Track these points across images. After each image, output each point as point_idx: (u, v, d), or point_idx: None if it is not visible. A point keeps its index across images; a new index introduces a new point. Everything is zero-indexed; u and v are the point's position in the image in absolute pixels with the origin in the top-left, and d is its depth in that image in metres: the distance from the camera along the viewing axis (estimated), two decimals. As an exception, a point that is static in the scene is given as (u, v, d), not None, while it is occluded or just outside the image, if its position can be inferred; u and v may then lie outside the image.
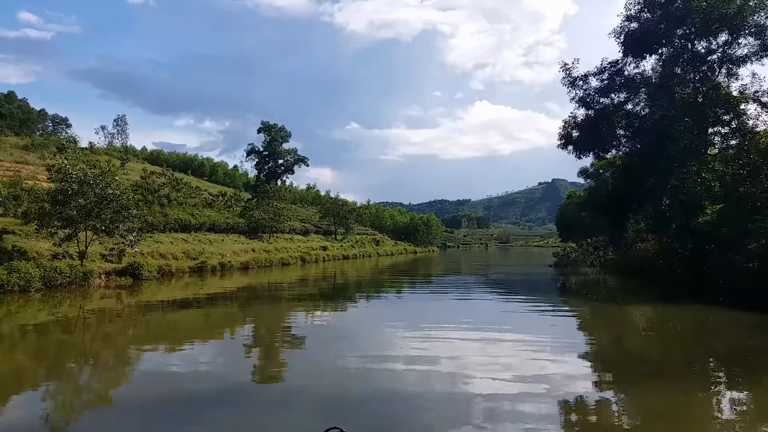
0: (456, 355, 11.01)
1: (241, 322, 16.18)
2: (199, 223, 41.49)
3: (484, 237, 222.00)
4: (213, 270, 32.08)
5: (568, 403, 7.91)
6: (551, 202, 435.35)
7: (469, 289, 27.10)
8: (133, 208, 24.93)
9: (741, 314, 16.49)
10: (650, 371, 10.09)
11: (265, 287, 26.34)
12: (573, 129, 29.04)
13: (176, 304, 19.27)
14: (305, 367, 10.13)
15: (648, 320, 16.92)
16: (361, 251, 63.13)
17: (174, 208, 43.32)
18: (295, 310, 18.66)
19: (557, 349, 11.79)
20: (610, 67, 27.58)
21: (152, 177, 55.05)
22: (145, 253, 30.37)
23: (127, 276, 25.13)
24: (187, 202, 49.29)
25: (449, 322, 15.44)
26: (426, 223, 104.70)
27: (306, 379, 9.10)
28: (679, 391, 8.62)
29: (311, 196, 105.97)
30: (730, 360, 11.16)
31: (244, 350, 12.10)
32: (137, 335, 13.61)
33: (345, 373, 9.52)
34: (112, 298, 20.10)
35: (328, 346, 12.14)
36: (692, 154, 23.55)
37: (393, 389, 8.53)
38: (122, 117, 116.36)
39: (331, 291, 25.65)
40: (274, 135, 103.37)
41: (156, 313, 17.20)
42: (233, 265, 33.95)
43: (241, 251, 38.91)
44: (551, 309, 19.59)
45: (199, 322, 15.83)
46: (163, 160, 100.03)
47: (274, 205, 53.69)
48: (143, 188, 44.19)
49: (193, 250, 34.35)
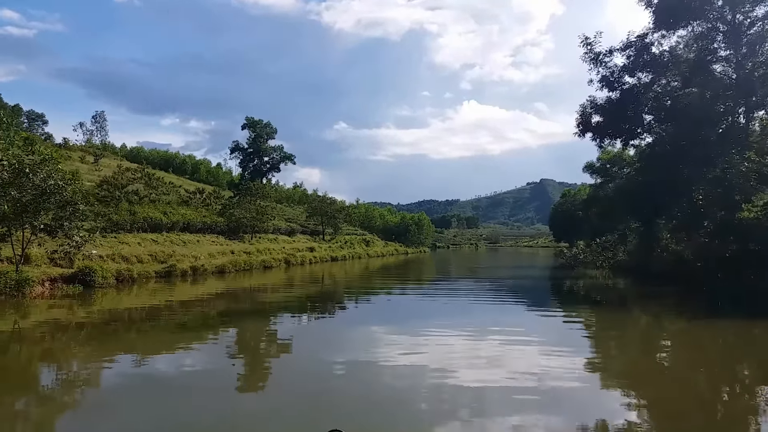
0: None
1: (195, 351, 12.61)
2: (171, 222, 37.66)
3: (473, 237, 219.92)
4: (183, 274, 28.32)
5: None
6: (539, 202, 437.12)
7: (491, 299, 23.70)
8: (80, 203, 21.03)
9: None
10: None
11: (238, 295, 22.71)
12: (593, 114, 25.70)
13: (120, 319, 15.56)
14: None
15: (691, 345, 13.36)
16: (351, 252, 59.52)
17: (145, 205, 39.48)
18: (271, 327, 15.15)
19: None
20: (637, 41, 24.11)
21: (127, 174, 51.07)
22: (104, 256, 26.61)
23: (76, 283, 21.24)
24: (161, 199, 45.39)
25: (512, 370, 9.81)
26: (417, 223, 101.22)
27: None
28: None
29: (298, 195, 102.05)
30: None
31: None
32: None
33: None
34: (35, 314, 16.31)
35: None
36: (734, 139, 20.24)
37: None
38: (101, 113, 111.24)
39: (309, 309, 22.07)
40: (259, 131, 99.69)
41: (66, 335, 13.46)
42: (207, 268, 30.17)
43: (217, 253, 35.14)
44: (575, 320, 16.23)
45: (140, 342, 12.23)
46: (143, 157, 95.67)
47: (257, 204, 49.94)
48: (110, 184, 40.21)
49: (162, 252, 30.56)
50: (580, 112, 26.47)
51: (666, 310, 17.91)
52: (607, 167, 42.12)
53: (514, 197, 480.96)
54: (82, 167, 53.83)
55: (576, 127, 26.63)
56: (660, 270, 26.69)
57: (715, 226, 20.09)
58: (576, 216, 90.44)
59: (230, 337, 13.72)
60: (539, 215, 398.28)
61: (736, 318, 15.86)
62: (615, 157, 41.55)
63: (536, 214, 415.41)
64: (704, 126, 20.25)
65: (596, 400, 8.22)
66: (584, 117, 26.12)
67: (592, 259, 38.02)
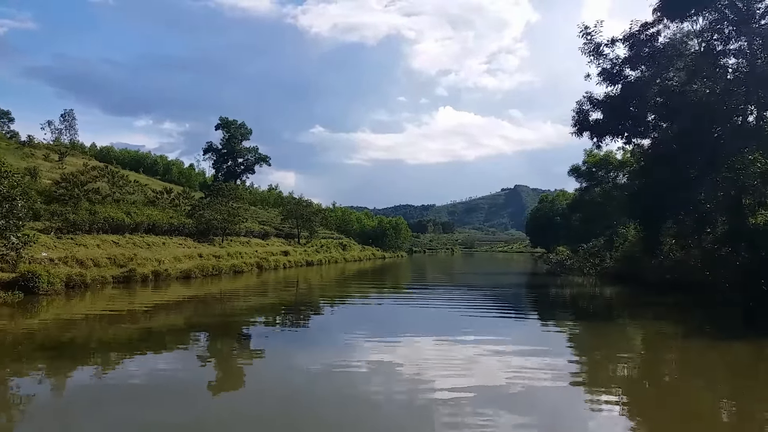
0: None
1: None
2: (135, 222, 35.02)
3: (449, 242, 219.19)
4: (144, 280, 25.85)
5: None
6: (513, 208, 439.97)
7: (479, 308, 21.87)
8: (19, 199, 18.48)
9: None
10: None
11: (203, 303, 20.46)
12: (590, 111, 24.15)
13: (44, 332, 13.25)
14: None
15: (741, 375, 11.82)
16: (327, 256, 57.29)
17: (107, 205, 36.73)
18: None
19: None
20: (641, 31, 22.59)
21: (92, 172, 47.92)
22: (56, 259, 24.05)
23: (16, 290, 18.61)
24: (125, 199, 42.59)
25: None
26: (395, 227, 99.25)
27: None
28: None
29: (273, 197, 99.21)
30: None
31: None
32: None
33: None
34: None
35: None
36: (746, 137, 18.81)
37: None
38: (70, 112, 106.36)
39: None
40: (233, 132, 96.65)
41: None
42: (171, 273, 27.68)
43: (184, 256, 32.66)
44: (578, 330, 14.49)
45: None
46: (113, 157, 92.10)
47: (228, 205, 47.40)
48: (69, 181, 37.31)
49: (122, 255, 28.02)
50: (576, 110, 24.87)
51: (694, 330, 15.99)
52: (593, 171, 40.92)
53: (488, 203, 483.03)
54: (45, 165, 50.74)
55: (572, 126, 25.08)
56: (657, 278, 25.29)
57: (725, 232, 18.65)
58: (554, 221, 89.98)
59: (190, 353, 11.59)
60: (513, 221, 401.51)
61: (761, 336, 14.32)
62: (602, 160, 40.40)
63: (510, 220, 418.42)
64: (713, 123, 18.81)
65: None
66: (581, 115, 24.51)
67: (579, 265, 36.64)
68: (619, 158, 39.86)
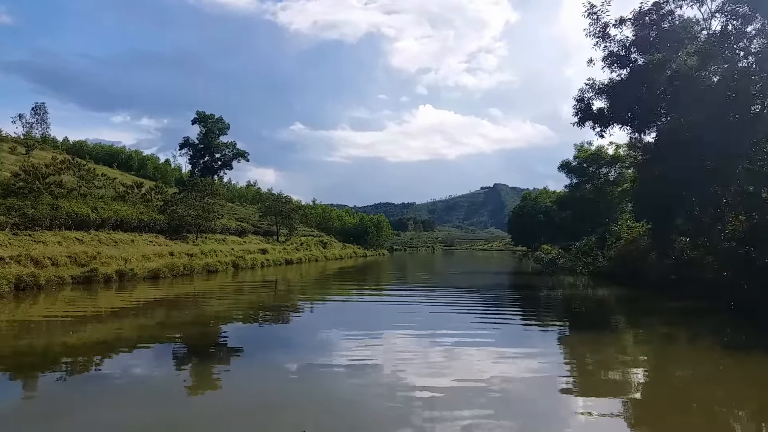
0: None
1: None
2: (101, 218, 32.62)
3: (429, 240, 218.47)
4: (107, 280, 23.60)
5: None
6: (493, 206, 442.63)
7: (479, 310, 20.18)
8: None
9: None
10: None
11: (169, 306, 18.41)
12: (593, 99, 22.59)
13: None
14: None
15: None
16: (307, 254, 55.22)
17: (72, 200, 34.24)
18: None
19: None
20: (653, 10, 21.03)
21: (61, 166, 45.04)
22: (7, 258, 21.75)
23: (-46, 293, 16.41)
24: (93, 193, 40.01)
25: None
26: (376, 225, 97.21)
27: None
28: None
29: (251, 194, 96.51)
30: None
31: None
32: None
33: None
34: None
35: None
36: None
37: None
38: (41, 105, 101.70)
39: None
40: (210, 126, 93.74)
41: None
42: (137, 273, 25.43)
43: (154, 255, 30.38)
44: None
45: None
46: (86, 152, 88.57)
47: (203, 200, 45.06)
48: (29, 173, 34.71)
49: (84, 254, 25.70)
50: (577, 98, 23.22)
51: (713, 336, 14.65)
52: (584, 166, 39.61)
53: (468, 201, 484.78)
54: (9, 158, 47.89)
55: (574, 115, 23.42)
56: (658, 278, 23.95)
57: (745, 229, 17.22)
58: (537, 219, 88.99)
59: (160, 356, 9.66)
60: (493, 219, 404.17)
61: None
62: (593, 155, 39.13)
63: (490, 218, 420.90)
64: (730, 110, 17.33)
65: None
66: (583, 103, 22.95)
67: (571, 264, 35.25)
68: (611, 153, 38.66)
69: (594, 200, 37.95)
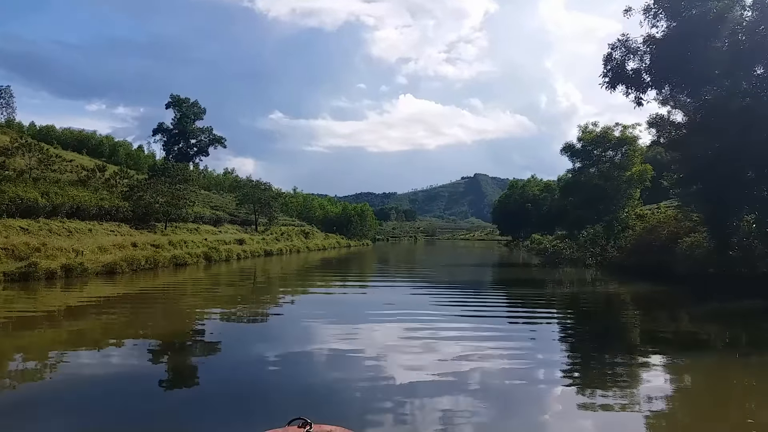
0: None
1: None
2: (52, 204, 28.66)
3: (411, 230, 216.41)
4: (51, 276, 19.82)
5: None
6: (473, 196, 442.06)
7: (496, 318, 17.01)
8: None
9: None
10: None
11: (112, 308, 14.89)
12: (627, 58, 19.31)
13: None
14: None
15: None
16: (288, 245, 51.65)
17: (21, 184, 30.21)
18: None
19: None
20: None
21: (18, 151, 40.61)
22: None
23: None
24: (47, 177, 35.91)
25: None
26: (360, 214, 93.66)
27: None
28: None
29: (229, 181, 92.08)
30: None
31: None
32: None
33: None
34: None
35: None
36: None
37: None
38: (6, 89, 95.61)
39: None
40: (185, 111, 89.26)
41: None
42: (87, 267, 21.62)
43: (113, 246, 26.54)
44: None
45: None
46: (54, 137, 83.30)
47: (174, 186, 41.15)
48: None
49: (25, 246, 21.86)
50: (605, 57, 19.83)
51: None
52: (589, 149, 36.64)
53: (449, 191, 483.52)
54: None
55: (602, 76, 20.05)
56: (688, 272, 21.08)
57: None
58: (525, 208, 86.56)
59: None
60: (473, 209, 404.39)
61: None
62: (599, 137, 36.19)
63: (470, 208, 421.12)
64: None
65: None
66: (615, 62, 19.60)
67: (579, 255, 32.34)
68: (617, 135, 35.77)
69: (600, 186, 35.04)
